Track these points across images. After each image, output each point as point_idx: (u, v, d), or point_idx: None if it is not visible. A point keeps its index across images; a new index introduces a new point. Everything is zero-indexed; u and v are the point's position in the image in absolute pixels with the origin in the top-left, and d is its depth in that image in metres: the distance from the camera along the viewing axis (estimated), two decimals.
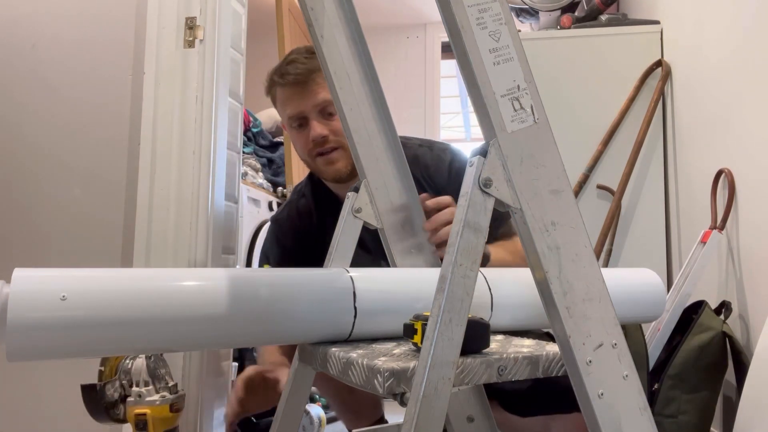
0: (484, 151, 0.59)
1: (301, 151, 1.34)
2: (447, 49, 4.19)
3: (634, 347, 1.58)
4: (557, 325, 0.60)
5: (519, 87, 0.60)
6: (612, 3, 2.38)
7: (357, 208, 0.94)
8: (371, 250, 1.20)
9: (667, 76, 2.18)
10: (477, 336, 0.67)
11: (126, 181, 1.63)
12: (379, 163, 0.97)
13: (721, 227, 1.67)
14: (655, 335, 1.67)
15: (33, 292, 0.62)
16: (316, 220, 1.40)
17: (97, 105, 1.68)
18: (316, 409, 1.40)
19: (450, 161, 1.37)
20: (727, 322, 1.59)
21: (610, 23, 2.31)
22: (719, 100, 1.77)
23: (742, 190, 1.62)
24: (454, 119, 6.22)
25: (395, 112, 1.00)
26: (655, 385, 1.59)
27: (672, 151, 2.17)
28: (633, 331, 1.60)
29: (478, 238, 0.58)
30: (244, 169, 2.67)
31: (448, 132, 6.20)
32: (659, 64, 2.21)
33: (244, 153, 2.45)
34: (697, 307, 1.64)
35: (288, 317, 0.74)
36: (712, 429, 1.63)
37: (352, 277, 0.79)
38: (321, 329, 0.76)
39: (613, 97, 2.23)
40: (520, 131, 0.60)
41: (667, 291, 1.73)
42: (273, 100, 1.35)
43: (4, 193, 1.69)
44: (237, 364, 1.89)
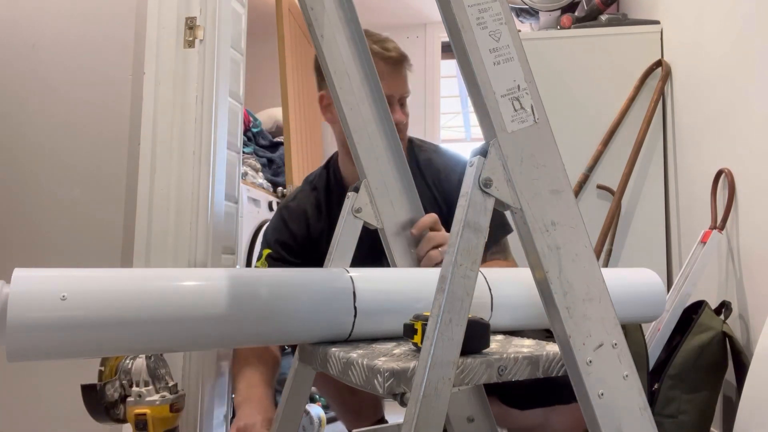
0: (484, 151, 0.59)
1: None
2: (447, 49, 4.19)
3: (634, 347, 1.58)
4: (557, 325, 0.60)
5: (519, 87, 0.60)
6: (612, 3, 2.38)
7: (357, 208, 0.94)
8: (372, 250, 1.20)
9: (667, 76, 2.18)
10: (477, 336, 0.67)
11: (126, 181, 1.63)
12: (379, 163, 0.97)
13: (721, 227, 1.67)
14: (655, 335, 1.67)
15: (33, 292, 0.62)
16: (326, 213, 1.41)
17: (97, 105, 1.68)
18: (316, 409, 1.41)
19: (461, 170, 1.38)
20: (727, 322, 1.59)
21: (610, 23, 2.31)
22: (719, 100, 1.77)
23: (742, 190, 1.62)
24: (454, 119, 6.21)
25: None
26: (655, 385, 1.59)
27: (672, 151, 2.17)
28: (633, 331, 1.60)
29: (478, 238, 0.57)
30: (244, 169, 2.67)
31: (448, 132, 6.19)
32: (659, 64, 2.21)
33: (244, 153, 2.45)
34: (697, 307, 1.64)
35: (288, 317, 0.74)
36: (712, 429, 1.63)
37: (352, 277, 0.79)
38: (321, 329, 0.76)
39: (613, 97, 2.23)
40: (520, 131, 0.59)
41: (667, 291, 1.72)
42: None
43: (4, 192, 1.69)
44: None
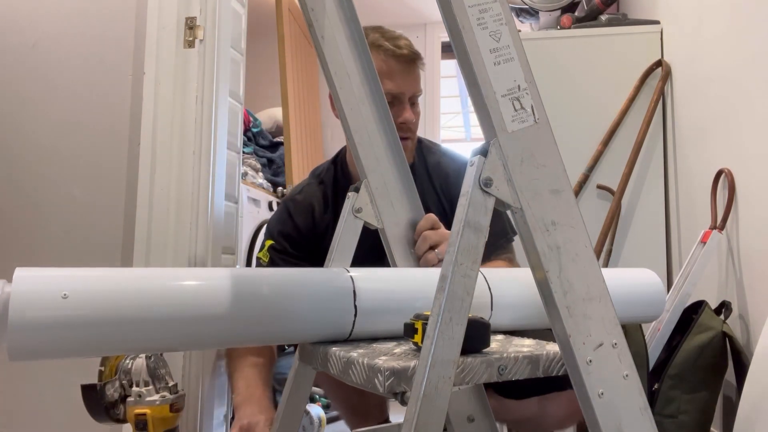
0: (484, 151, 0.59)
1: None
2: (447, 49, 4.18)
3: (634, 347, 1.58)
4: (557, 325, 0.60)
5: (519, 87, 0.60)
6: (612, 3, 2.38)
7: (357, 208, 0.94)
8: (373, 250, 1.20)
9: (667, 76, 2.18)
10: (477, 335, 0.67)
11: (126, 180, 1.63)
12: (379, 164, 0.97)
13: (721, 227, 1.67)
14: (655, 335, 1.67)
15: (34, 291, 0.62)
16: (332, 207, 1.40)
17: (97, 105, 1.68)
18: (316, 409, 1.40)
19: None
20: (727, 322, 1.59)
21: (610, 23, 2.31)
22: (719, 100, 1.77)
23: (742, 190, 1.62)
24: (454, 119, 6.21)
25: None
26: (655, 385, 1.59)
27: (672, 151, 2.17)
28: (633, 331, 1.60)
29: (479, 238, 0.57)
30: (244, 169, 2.67)
31: (448, 132, 6.19)
32: (659, 64, 2.21)
33: (244, 153, 2.45)
34: (697, 307, 1.64)
35: (289, 317, 0.74)
36: (712, 429, 1.63)
37: (352, 276, 0.79)
38: (321, 328, 0.76)
39: (613, 97, 2.23)
40: (520, 131, 0.59)
41: (667, 291, 1.72)
42: None
43: (4, 192, 1.69)
44: None
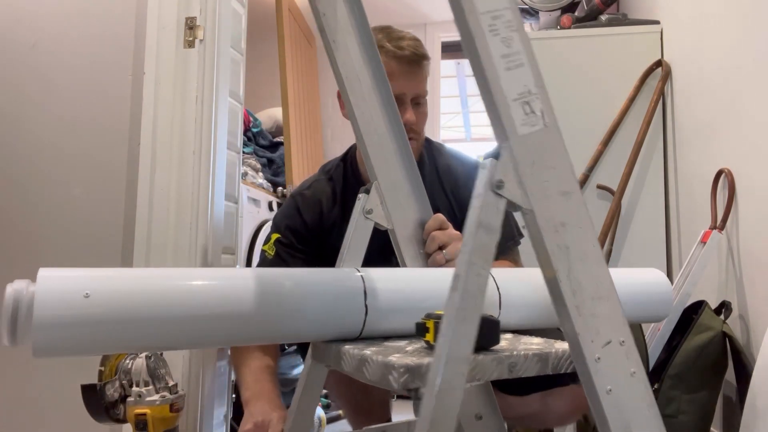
0: (496, 154, 0.61)
1: None
2: (447, 49, 4.17)
3: None
4: (566, 323, 0.62)
5: (530, 92, 0.62)
6: (612, 3, 2.38)
7: (368, 210, 0.95)
8: (382, 250, 1.21)
9: (667, 76, 2.18)
10: (487, 333, 0.68)
11: (126, 181, 1.64)
12: (389, 165, 0.98)
13: (721, 227, 1.67)
14: (655, 335, 1.67)
15: (58, 291, 0.65)
16: (340, 205, 1.40)
17: (97, 105, 1.68)
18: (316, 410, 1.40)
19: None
20: (727, 322, 1.60)
21: (610, 23, 2.31)
22: (719, 100, 1.77)
23: (742, 190, 1.62)
24: (454, 119, 6.22)
25: None
26: (655, 385, 1.59)
27: (672, 151, 2.18)
28: (633, 331, 1.59)
29: (491, 238, 0.59)
30: (244, 169, 2.67)
31: (448, 132, 6.20)
32: (659, 64, 2.21)
33: (244, 153, 2.45)
34: (697, 307, 1.64)
35: (303, 315, 0.76)
36: (712, 429, 1.63)
37: (362, 276, 0.81)
38: (333, 327, 0.78)
39: (613, 97, 2.23)
40: (530, 134, 0.61)
41: None
42: None
43: (4, 192, 1.69)
44: None
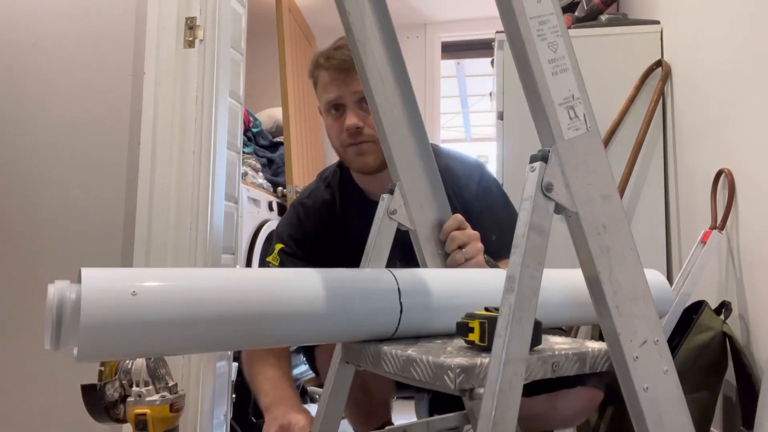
0: (545, 157, 0.62)
1: (334, 138, 1.35)
2: (447, 49, 4.18)
3: None
4: (607, 323, 0.63)
5: (573, 96, 0.63)
6: (612, 3, 2.38)
7: (392, 210, 0.95)
8: (401, 251, 1.21)
9: (667, 76, 2.18)
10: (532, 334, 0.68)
11: (126, 180, 1.64)
12: (411, 166, 0.98)
13: (721, 227, 1.67)
14: None
15: (104, 290, 0.62)
16: (340, 210, 1.41)
17: (98, 105, 1.68)
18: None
19: (480, 177, 1.40)
20: (727, 322, 1.59)
21: (610, 23, 2.31)
22: (719, 100, 1.77)
23: (742, 190, 1.62)
24: (454, 119, 6.22)
25: None
26: None
27: (672, 151, 2.17)
28: None
29: (542, 240, 0.60)
30: (244, 169, 2.67)
31: (448, 132, 6.20)
32: (659, 64, 2.21)
33: (244, 153, 2.45)
34: (697, 307, 1.64)
35: (342, 315, 0.76)
36: (712, 429, 1.63)
37: (395, 276, 0.81)
38: (369, 327, 0.78)
39: (613, 97, 2.23)
40: (575, 138, 0.63)
41: None
42: (314, 83, 1.36)
43: (4, 192, 1.69)
44: (237, 364, 1.89)
